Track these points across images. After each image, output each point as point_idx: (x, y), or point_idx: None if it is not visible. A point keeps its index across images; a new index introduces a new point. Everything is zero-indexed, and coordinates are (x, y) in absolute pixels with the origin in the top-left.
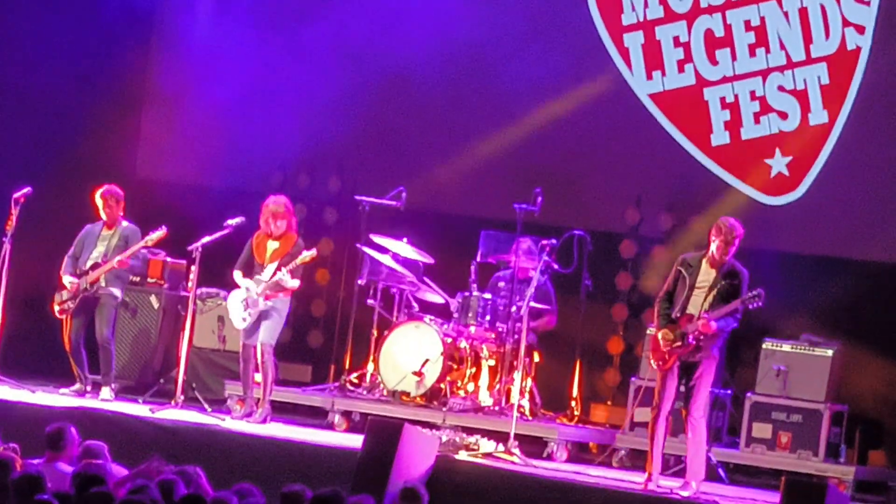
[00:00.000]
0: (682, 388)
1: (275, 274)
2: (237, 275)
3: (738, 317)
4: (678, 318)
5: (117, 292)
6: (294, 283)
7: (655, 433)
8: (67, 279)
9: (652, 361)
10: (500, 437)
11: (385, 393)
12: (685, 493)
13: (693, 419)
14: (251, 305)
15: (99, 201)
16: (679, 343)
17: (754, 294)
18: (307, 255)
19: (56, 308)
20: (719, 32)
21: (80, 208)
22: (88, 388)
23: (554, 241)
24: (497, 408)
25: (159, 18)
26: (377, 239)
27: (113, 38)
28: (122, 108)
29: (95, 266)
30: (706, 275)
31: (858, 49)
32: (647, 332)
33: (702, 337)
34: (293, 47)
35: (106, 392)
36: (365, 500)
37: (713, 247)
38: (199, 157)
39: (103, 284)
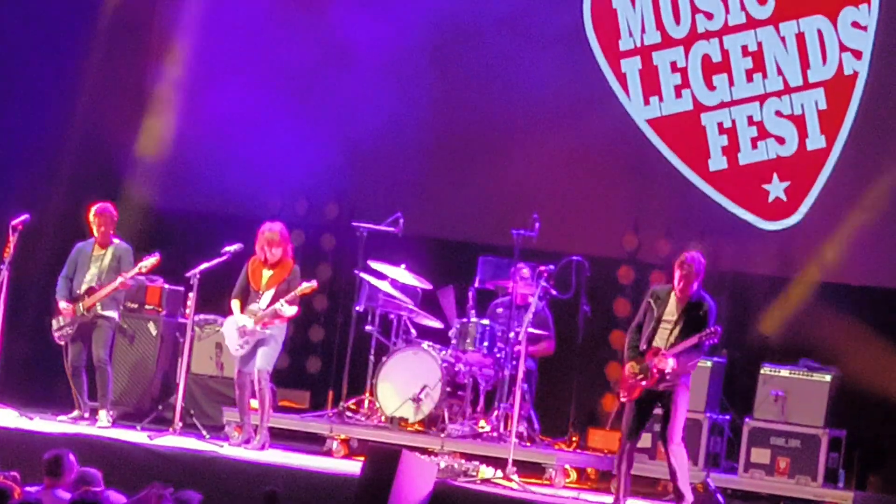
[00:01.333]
0: (659, 414)
1: (272, 303)
2: (235, 304)
3: (704, 350)
4: (645, 351)
5: (114, 314)
6: (292, 311)
7: (622, 460)
8: (63, 305)
9: (620, 392)
10: (499, 463)
11: (383, 419)
12: None
13: (672, 448)
14: (248, 333)
15: (93, 220)
16: (642, 376)
17: (710, 331)
18: (307, 286)
19: (55, 334)
20: (717, 58)
21: (80, 234)
22: (87, 415)
23: (552, 266)
24: (495, 434)
25: (157, 41)
26: (375, 265)
27: (112, 56)
28: (120, 133)
29: (91, 290)
30: (672, 308)
31: (856, 74)
32: None
33: (660, 371)
34: (290, 74)
35: (103, 417)
36: None
37: (675, 281)
38: (197, 183)
39: (99, 309)
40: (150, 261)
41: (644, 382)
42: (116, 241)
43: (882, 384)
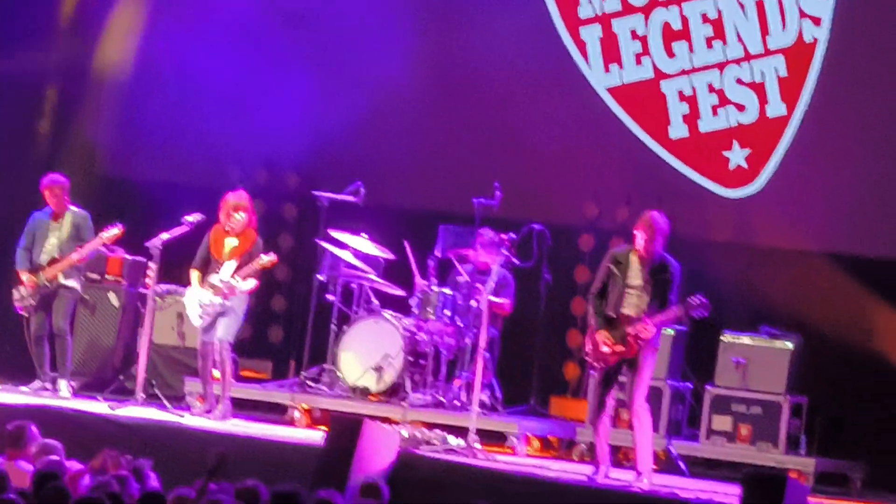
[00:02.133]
0: (625, 380)
1: (234, 273)
2: (194, 275)
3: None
4: (617, 319)
5: (75, 285)
6: (249, 285)
7: (598, 430)
8: (25, 276)
9: (592, 360)
10: (461, 431)
11: (345, 388)
12: (642, 486)
13: (636, 408)
14: (208, 303)
15: (45, 193)
16: (621, 346)
17: (699, 303)
18: (266, 259)
19: (17, 304)
20: (676, 25)
21: (40, 205)
22: (49, 385)
23: (513, 235)
24: (457, 402)
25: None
26: (336, 234)
27: (72, 34)
28: (80, 105)
29: (52, 261)
30: (637, 272)
31: (815, 41)
32: None
33: (641, 340)
34: (250, 41)
35: (63, 386)
36: (332, 495)
37: (638, 241)
38: (157, 153)
39: (62, 279)
40: (113, 232)
41: (621, 353)
42: (73, 208)
43: (843, 350)
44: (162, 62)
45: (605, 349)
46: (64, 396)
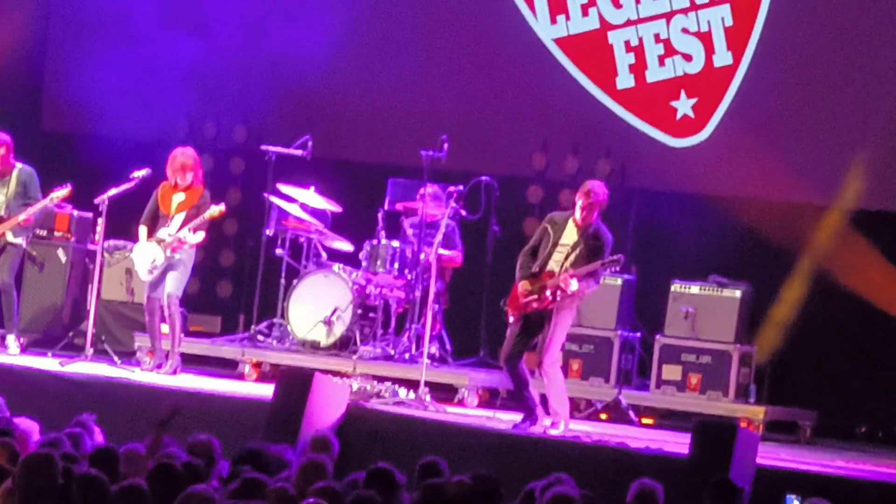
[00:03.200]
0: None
1: (182, 227)
2: (142, 230)
3: (599, 280)
4: (540, 273)
5: (21, 241)
6: (198, 238)
7: (512, 379)
8: None
9: (509, 311)
10: (411, 384)
11: (295, 342)
12: (555, 432)
13: (545, 368)
14: (156, 258)
15: None
16: (536, 297)
17: (615, 258)
18: (215, 209)
19: None
20: None
21: None
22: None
23: (461, 187)
24: (407, 355)
25: None
26: (284, 188)
27: None
28: (23, 61)
29: (2, 220)
30: (570, 234)
31: None
32: None
33: (559, 293)
34: None
35: (11, 342)
36: (283, 450)
37: (577, 208)
38: (103, 108)
39: (9, 237)
40: (61, 192)
41: (536, 303)
42: (19, 165)
43: (791, 299)
44: (111, 14)
45: (522, 298)
46: (13, 353)
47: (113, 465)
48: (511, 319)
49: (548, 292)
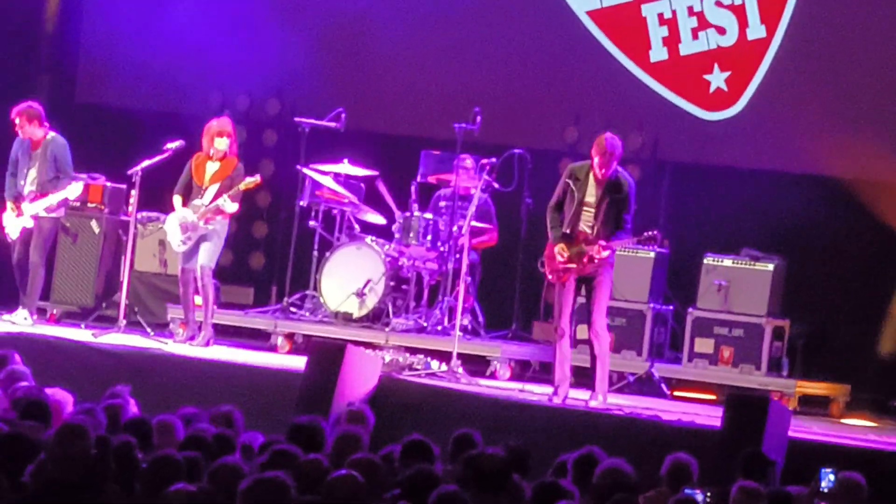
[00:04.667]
0: (584, 300)
1: (215, 199)
2: (177, 199)
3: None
4: (573, 234)
5: (56, 214)
6: (234, 208)
7: (561, 348)
8: (10, 205)
9: (547, 272)
10: (444, 356)
11: (328, 314)
12: (594, 403)
13: (597, 329)
14: (190, 229)
15: (15, 121)
16: (575, 263)
17: (651, 235)
18: (250, 180)
19: (4, 230)
20: None
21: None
22: (34, 314)
23: (494, 160)
24: (440, 327)
25: None
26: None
27: None
28: (58, 34)
29: (34, 197)
30: (592, 191)
31: None
32: None
33: (596, 259)
34: None
35: (21, 314)
36: (316, 421)
37: (595, 164)
38: (137, 80)
39: (42, 213)
40: (78, 187)
41: (574, 266)
42: (51, 134)
43: (824, 272)
44: None
45: (560, 260)
46: (17, 322)
47: (146, 436)
48: (550, 277)
49: (585, 259)
